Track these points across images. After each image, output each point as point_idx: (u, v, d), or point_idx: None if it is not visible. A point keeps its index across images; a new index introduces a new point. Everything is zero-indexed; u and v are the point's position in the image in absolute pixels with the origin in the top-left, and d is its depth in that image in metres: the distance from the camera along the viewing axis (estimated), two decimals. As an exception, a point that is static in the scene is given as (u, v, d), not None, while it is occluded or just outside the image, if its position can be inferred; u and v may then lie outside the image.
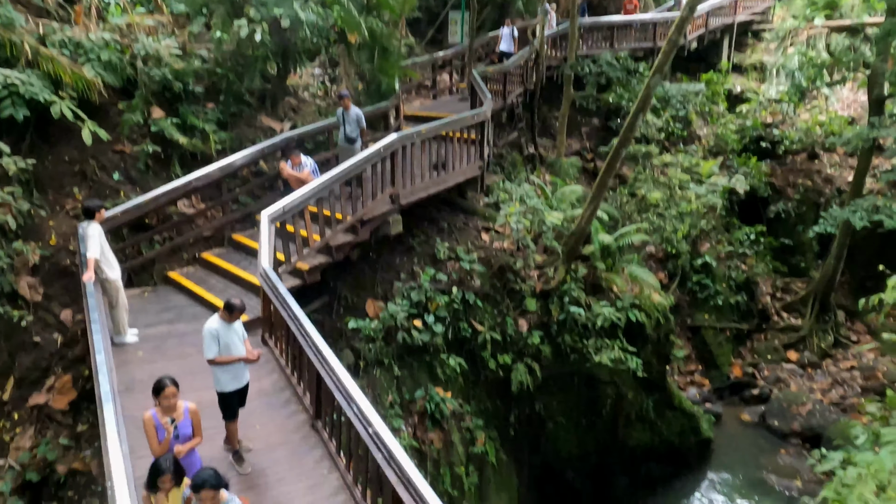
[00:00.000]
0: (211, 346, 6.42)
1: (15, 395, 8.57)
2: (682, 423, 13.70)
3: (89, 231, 8.13)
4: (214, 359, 6.45)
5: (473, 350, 11.22)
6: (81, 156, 10.26)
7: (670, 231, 15.84)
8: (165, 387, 5.43)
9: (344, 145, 11.45)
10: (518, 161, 16.56)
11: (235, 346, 6.53)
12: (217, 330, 6.44)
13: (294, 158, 10.67)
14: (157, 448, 5.40)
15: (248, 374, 6.77)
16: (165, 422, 5.37)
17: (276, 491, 6.31)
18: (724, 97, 21.94)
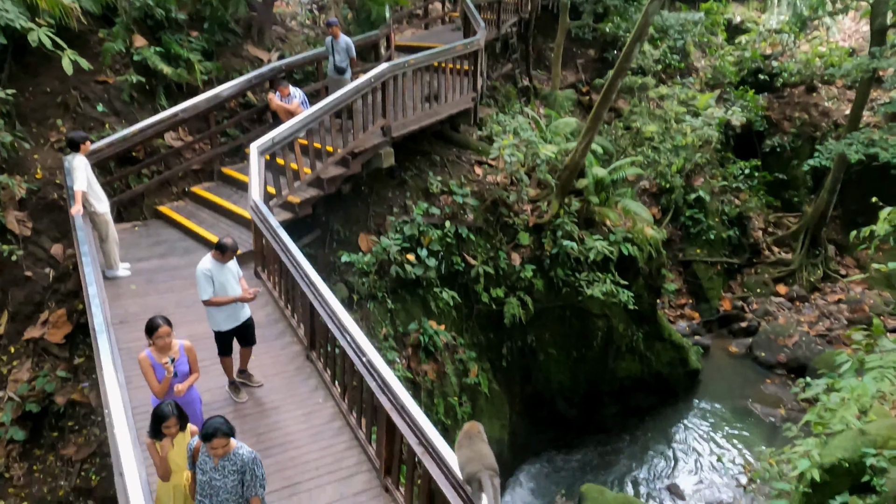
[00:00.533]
0: (205, 288, 6.30)
1: (10, 329, 8.59)
2: (671, 355, 13.97)
3: (75, 163, 7.97)
4: (210, 300, 6.33)
5: (466, 284, 11.29)
6: (63, 86, 9.97)
7: (664, 165, 15.75)
8: (159, 326, 5.32)
9: (333, 76, 11.17)
10: (512, 93, 16.24)
11: (230, 286, 6.42)
12: (210, 270, 6.32)
13: (282, 89, 10.42)
14: (157, 387, 5.33)
15: (248, 310, 6.66)
16: (165, 362, 5.26)
17: (273, 419, 6.43)
18: (724, 27, 21.44)
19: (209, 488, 4.57)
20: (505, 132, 12.29)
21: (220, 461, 4.54)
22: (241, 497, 4.59)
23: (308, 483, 5.66)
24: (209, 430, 4.41)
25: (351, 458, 5.96)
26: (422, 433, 4.91)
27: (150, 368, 5.34)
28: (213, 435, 4.39)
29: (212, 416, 4.55)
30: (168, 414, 4.69)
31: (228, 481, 4.54)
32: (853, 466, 6.58)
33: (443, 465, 4.65)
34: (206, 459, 4.58)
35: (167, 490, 4.93)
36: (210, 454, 4.51)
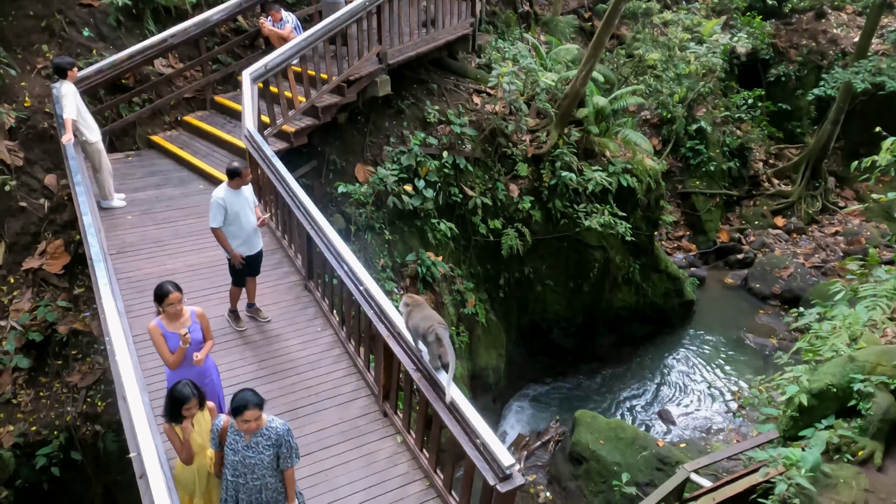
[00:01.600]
0: (216, 216, 6.16)
1: (8, 259, 8.59)
2: (667, 286, 14.11)
3: (63, 91, 7.79)
4: (216, 230, 6.22)
5: (464, 215, 11.25)
6: (47, 10, 9.62)
7: (667, 94, 15.43)
8: (169, 292, 4.92)
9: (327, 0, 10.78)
10: (512, 19, 15.72)
11: (244, 214, 6.28)
12: (224, 199, 6.15)
13: (274, 14, 10.10)
14: (171, 358, 4.97)
15: (260, 241, 6.60)
16: (183, 333, 4.87)
17: (273, 346, 6.53)
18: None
19: (242, 467, 4.27)
20: (504, 60, 11.97)
21: (253, 437, 4.26)
22: (276, 470, 4.33)
23: (308, 408, 5.81)
24: (240, 403, 4.11)
25: (350, 385, 6.09)
26: (419, 359, 4.99)
27: (161, 338, 4.98)
28: (244, 407, 4.09)
29: (240, 390, 4.23)
30: (188, 395, 4.34)
31: (265, 457, 4.24)
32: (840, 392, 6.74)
33: (439, 389, 4.75)
34: (237, 438, 4.29)
35: (189, 473, 4.60)
36: (241, 430, 4.21)
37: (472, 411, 4.50)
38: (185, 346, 4.89)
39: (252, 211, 6.38)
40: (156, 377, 5.88)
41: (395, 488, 5.15)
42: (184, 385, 4.40)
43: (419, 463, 5.30)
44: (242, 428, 4.17)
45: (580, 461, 9.98)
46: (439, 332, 4.82)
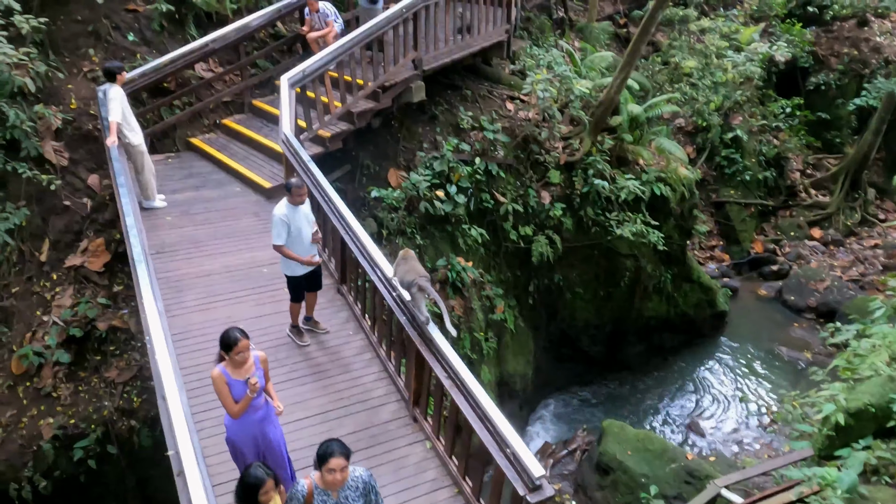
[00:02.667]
0: (280, 233, 6.12)
1: (52, 256, 8.86)
2: (699, 296, 13.93)
3: (110, 94, 8.02)
4: (281, 247, 6.20)
5: (495, 221, 11.27)
6: (94, 15, 9.91)
7: (703, 103, 15.25)
8: (238, 341, 4.61)
9: (365, 5, 10.89)
10: (546, 25, 15.71)
11: (304, 231, 6.28)
12: (287, 215, 6.11)
13: (311, 3, 10.26)
14: (235, 408, 4.66)
15: (317, 257, 6.58)
16: (252, 382, 4.59)
17: (305, 349, 6.62)
18: (773, -45, 20.24)
19: None
20: (538, 66, 11.97)
21: (341, 492, 4.02)
22: None
23: (339, 411, 5.88)
24: (325, 452, 3.86)
25: (380, 389, 6.15)
26: (450, 367, 5.03)
27: (225, 387, 4.67)
28: (329, 455, 3.84)
29: (325, 440, 3.98)
30: (263, 478, 3.96)
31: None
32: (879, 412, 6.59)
33: (470, 398, 4.78)
34: (325, 498, 4.01)
35: None
36: (327, 484, 3.93)
37: (502, 420, 4.52)
38: (252, 395, 4.62)
39: (310, 227, 6.36)
40: (192, 376, 6.02)
41: (424, 494, 5.19)
42: (256, 467, 4.02)
43: (448, 469, 5.34)
44: (328, 479, 3.87)
45: (607, 471, 9.91)
46: (421, 283, 5.43)
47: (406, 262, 5.66)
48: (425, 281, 5.46)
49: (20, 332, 8.44)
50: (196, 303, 7.01)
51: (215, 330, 6.60)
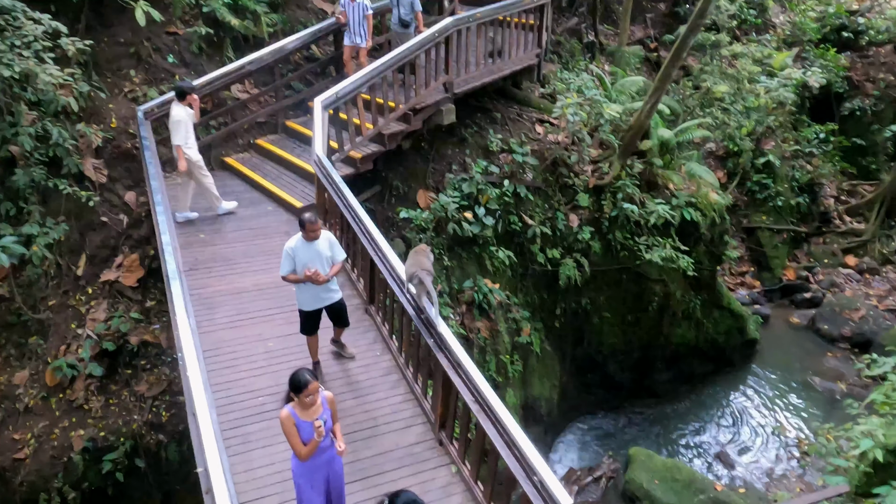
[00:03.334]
0: (283, 264, 6.09)
1: (88, 271, 9.07)
2: (729, 323, 13.70)
3: (175, 114, 8.39)
4: (286, 277, 6.13)
5: (523, 243, 11.26)
6: (136, 38, 10.22)
7: (734, 127, 15.13)
8: (308, 383, 4.53)
9: (397, 29, 11.06)
10: (577, 49, 15.77)
11: (314, 267, 6.04)
12: (294, 249, 6.03)
13: None
14: (303, 450, 4.61)
15: (336, 294, 6.32)
16: (317, 425, 4.51)
17: (333, 369, 6.65)
18: (807, -20, 20.15)
19: None
20: (569, 90, 12.00)
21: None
22: None
23: (365, 432, 5.88)
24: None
25: (406, 411, 6.15)
26: (477, 391, 5.01)
27: (293, 428, 4.59)
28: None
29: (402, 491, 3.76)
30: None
31: None
32: (919, 449, 6.40)
33: (498, 424, 4.75)
34: None
35: None
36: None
37: (529, 446, 4.48)
38: (319, 438, 4.55)
39: (325, 264, 6.13)
40: (220, 393, 6.09)
41: (449, 518, 5.15)
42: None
43: (473, 494, 5.30)
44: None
45: (634, 500, 9.74)
46: (422, 276, 5.71)
47: (415, 255, 5.94)
48: (426, 275, 5.71)
49: (55, 344, 8.64)
50: (227, 320, 7.11)
51: (245, 347, 6.72)
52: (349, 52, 10.73)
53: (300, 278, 6.06)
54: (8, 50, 8.10)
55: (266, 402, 6.08)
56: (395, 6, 10.96)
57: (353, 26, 10.54)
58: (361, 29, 10.57)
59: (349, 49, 10.71)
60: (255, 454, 5.53)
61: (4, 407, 8.30)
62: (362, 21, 10.54)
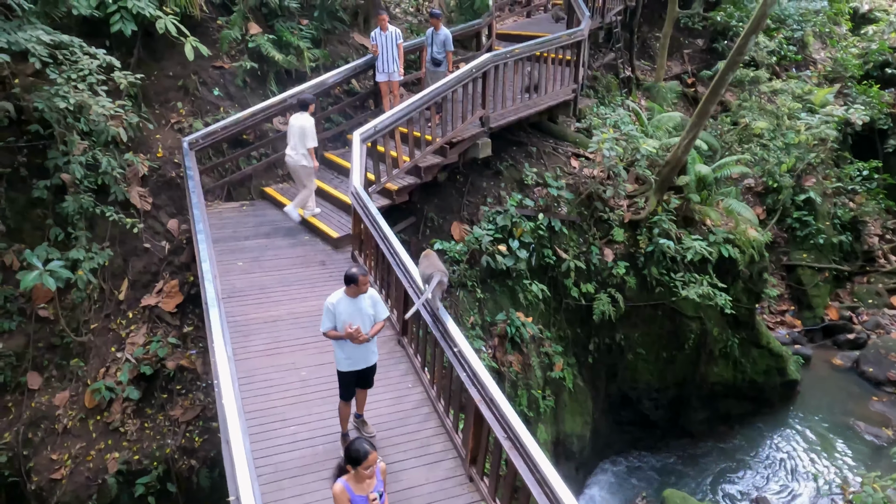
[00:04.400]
0: (324, 320, 5.82)
1: (129, 296, 9.31)
2: (768, 363, 13.34)
3: (305, 123, 9.09)
4: (326, 333, 5.85)
5: (556, 277, 11.21)
6: (184, 71, 10.61)
7: (773, 164, 14.92)
8: (367, 454, 4.28)
9: (430, 67, 11.26)
10: (613, 84, 15.84)
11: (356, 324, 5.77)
12: (335, 305, 5.77)
13: (381, 19, 10.71)
14: None
15: (373, 356, 6.06)
16: (374, 498, 4.38)
17: (365, 399, 6.65)
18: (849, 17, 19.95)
19: None
20: (605, 125, 12.03)
21: None
22: None
23: (395, 465, 5.85)
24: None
25: (437, 445, 6.11)
26: (510, 428, 4.97)
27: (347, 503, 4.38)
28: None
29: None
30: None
31: None
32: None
33: (529, 461, 4.70)
34: None
35: None
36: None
37: (561, 485, 4.41)
38: None
39: (366, 322, 5.85)
40: (253, 420, 6.13)
41: (478, 557, 5.07)
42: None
43: (503, 533, 5.21)
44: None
45: (668, 545, 9.45)
46: (437, 276, 6.25)
47: (427, 258, 6.52)
48: (441, 275, 6.27)
49: (95, 366, 8.84)
50: (261, 347, 7.19)
51: (278, 375, 6.78)
52: (385, 86, 10.98)
53: (341, 335, 5.76)
54: (65, 83, 8.47)
55: (298, 431, 6.11)
56: (429, 45, 11.18)
57: (385, 57, 10.82)
58: (394, 62, 10.84)
59: (384, 84, 10.97)
60: (286, 483, 5.54)
61: (44, 427, 8.49)
62: (394, 52, 10.80)
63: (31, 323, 8.96)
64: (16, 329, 8.86)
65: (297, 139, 9.19)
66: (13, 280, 8.74)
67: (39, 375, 8.88)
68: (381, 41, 10.76)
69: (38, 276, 7.98)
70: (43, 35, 8.18)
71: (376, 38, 10.80)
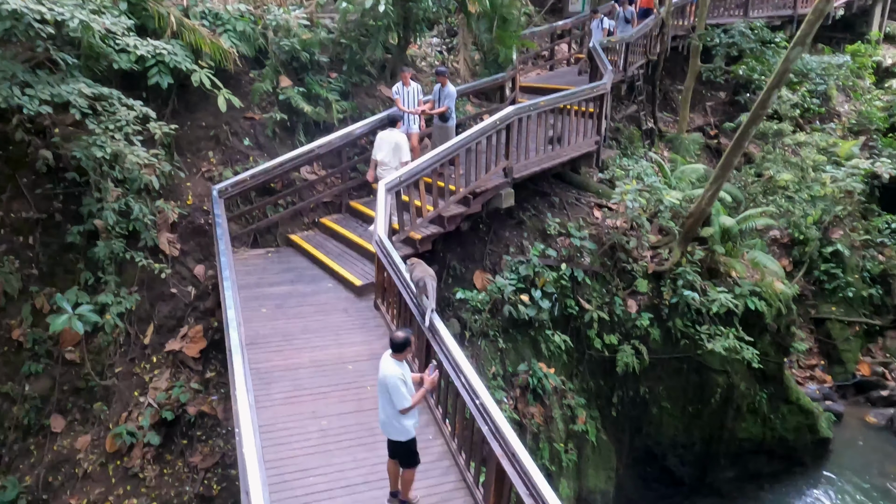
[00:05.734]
0: (404, 395, 5.64)
1: (154, 340, 9.41)
2: (798, 420, 12.96)
3: (397, 138, 9.77)
4: (411, 406, 5.69)
5: (579, 328, 11.12)
6: (216, 122, 10.94)
7: (799, 216, 14.80)
8: None
9: (438, 123, 11.36)
10: (636, 135, 15.97)
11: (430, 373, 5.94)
12: (403, 374, 5.70)
13: (405, 76, 11.02)
14: None
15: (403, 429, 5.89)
16: None
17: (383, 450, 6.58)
18: (872, 70, 20.02)
19: None
20: (628, 176, 12.09)
21: None
22: None
23: (415, 520, 5.75)
24: None
25: (458, 500, 6.00)
26: (532, 484, 4.87)
27: None
28: None
29: None
30: None
31: None
32: None
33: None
34: None
35: None
36: None
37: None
38: None
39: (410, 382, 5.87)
40: (273, 470, 6.08)
41: None
42: None
43: None
44: None
45: None
46: (426, 280, 6.92)
47: (417, 266, 7.23)
48: (430, 279, 6.98)
49: (117, 411, 8.89)
50: (283, 395, 7.19)
51: (299, 424, 6.76)
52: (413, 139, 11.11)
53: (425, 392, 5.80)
54: (102, 133, 8.78)
55: (317, 482, 6.04)
56: (436, 101, 11.18)
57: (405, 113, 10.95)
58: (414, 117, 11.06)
59: None
60: (304, 536, 5.47)
61: (65, 471, 8.51)
62: (414, 106, 11.05)
63: (58, 366, 9.09)
64: (42, 371, 8.98)
65: (391, 154, 9.80)
66: (43, 323, 8.90)
67: (63, 419, 8.94)
68: (404, 94, 11.03)
69: (68, 320, 8.14)
70: (84, 88, 8.53)
71: (399, 91, 11.07)
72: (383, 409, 5.78)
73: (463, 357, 6.32)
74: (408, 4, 11.83)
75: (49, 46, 8.69)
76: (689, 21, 18.32)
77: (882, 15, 22.34)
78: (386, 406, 5.72)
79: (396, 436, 5.76)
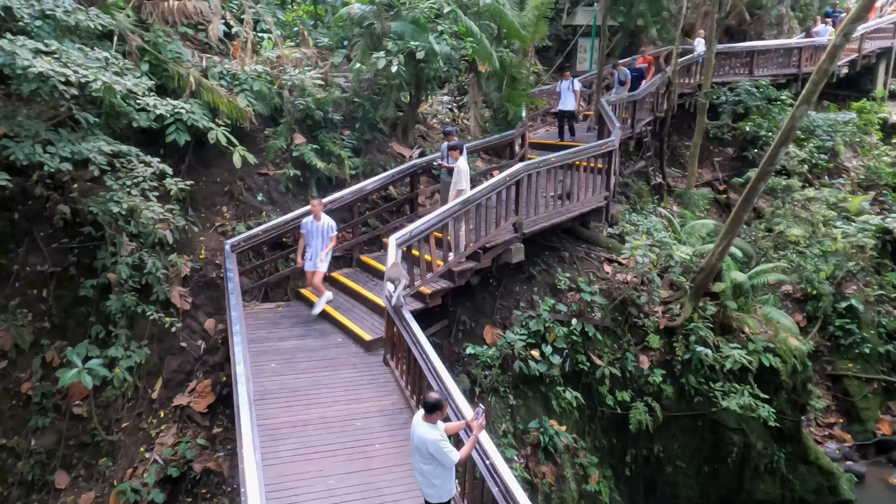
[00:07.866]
0: (451, 451, 5.56)
1: (162, 395, 9.37)
2: (818, 481, 12.56)
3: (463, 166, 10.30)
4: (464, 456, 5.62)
5: (591, 384, 10.97)
6: (230, 177, 11.16)
7: (811, 271, 14.70)
8: None
9: (445, 178, 11.49)
10: (644, 191, 16.09)
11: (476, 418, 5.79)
12: (441, 434, 5.60)
13: (315, 207, 9.87)
14: None
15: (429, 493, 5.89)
16: None
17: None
18: (878, 127, 20.20)
19: None
20: (637, 231, 12.12)
21: None
22: None
23: (423, 585, 5.58)
24: None
25: (468, 564, 5.82)
26: (544, 549, 4.73)
27: None
28: None
29: None
30: None
31: None
32: None
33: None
34: None
35: None
36: None
37: None
38: None
39: None
40: (279, 531, 5.96)
41: None
42: None
43: None
44: None
45: None
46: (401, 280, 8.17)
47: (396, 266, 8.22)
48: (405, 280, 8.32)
49: (123, 466, 8.79)
50: (290, 453, 7.07)
51: (306, 484, 6.65)
52: (310, 276, 10.03)
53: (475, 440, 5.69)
54: (119, 189, 8.97)
55: (323, 544, 5.90)
56: (444, 158, 11.27)
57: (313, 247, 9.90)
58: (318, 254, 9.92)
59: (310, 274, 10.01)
60: None
61: (67, 530, 8.37)
62: (325, 244, 9.90)
63: (65, 420, 9.05)
64: (49, 426, 8.94)
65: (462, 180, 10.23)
66: (52, 376, 8.91)
67: (67, 474, 8.85)
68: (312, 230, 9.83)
69: (77, 374, 8.14)
70: (104, 145, 8.77)
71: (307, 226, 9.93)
72: (420, 472, 5.71)
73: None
74: (419, 65, 12.16)
75: (72, 106, 8.97)
76: (695, 79, 18.66)
77: (886, 73, 22.68)
78: (424, 469, 5.65)
79: (437, 497, 5.68)
